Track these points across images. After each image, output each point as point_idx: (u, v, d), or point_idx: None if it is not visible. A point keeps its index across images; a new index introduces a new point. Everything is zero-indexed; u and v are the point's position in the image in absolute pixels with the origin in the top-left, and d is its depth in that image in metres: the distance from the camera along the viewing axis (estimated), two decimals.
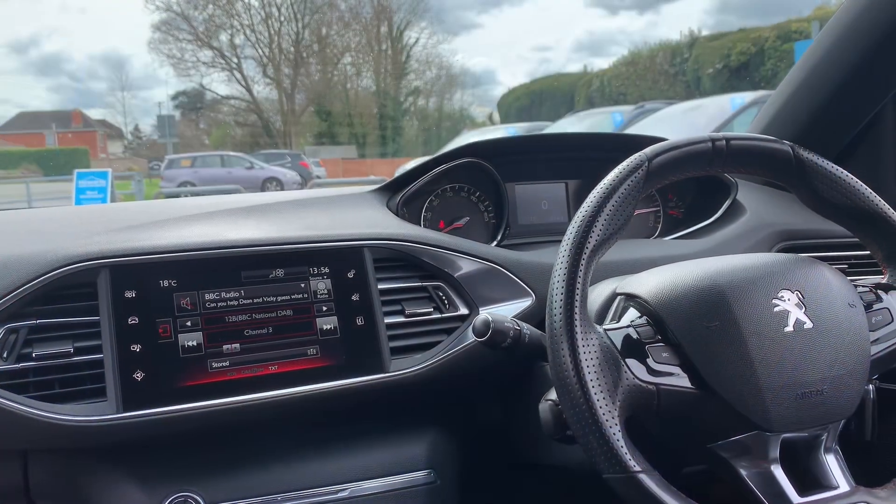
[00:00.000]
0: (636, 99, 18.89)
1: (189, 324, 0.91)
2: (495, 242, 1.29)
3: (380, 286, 1.02)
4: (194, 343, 0.90)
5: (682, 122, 8.03)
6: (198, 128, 40.61)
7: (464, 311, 1.05)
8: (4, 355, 0.85)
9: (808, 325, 0.79)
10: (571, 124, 10.65)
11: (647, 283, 0.85)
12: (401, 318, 1.02)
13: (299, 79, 35.65)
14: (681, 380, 0.77)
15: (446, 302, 1.05)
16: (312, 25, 33.64)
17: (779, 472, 0.77)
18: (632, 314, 0.84)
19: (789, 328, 0.78)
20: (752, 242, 1.22)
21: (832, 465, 0.80)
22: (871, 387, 1.07)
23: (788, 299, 0.79)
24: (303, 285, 0.97)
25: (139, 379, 0.87)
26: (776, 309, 0.78)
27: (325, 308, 0.98)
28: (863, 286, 0.89)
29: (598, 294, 0.95)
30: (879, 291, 0.89)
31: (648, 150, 0.82)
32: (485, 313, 0.86)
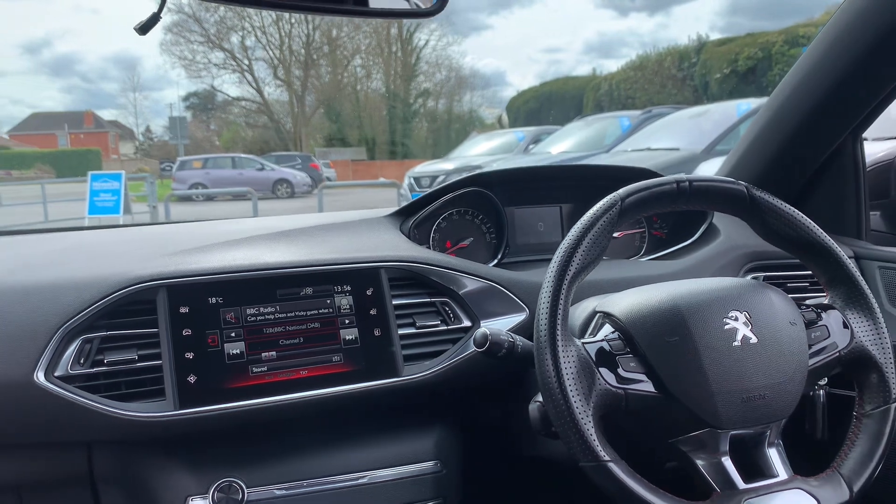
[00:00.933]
0: (644, 103, 18.93)
1: (233, 335, 1.06)
2: (496, 260, 1.43)
3: (394, 302, 1.16)
4: (237, 351, 1.05)
5: (688, 128, 8.09)
6: (209, 129, 40.79)
7: (467, 323, 1.19)
8: (81, 361, 1.00)
9: (754, 340, 0.93)
10: (580, 128, 10.70)
11: (621, 304, 1.00)
12: (412, 330, 1.16)
13: (310, 80, 35.81)
14: (646, 385, 0.92)
15: (452, 315, 1.19)
16: (323, 27, 33.81)
17: (728, 463, 0.91)
18: (606, 329, 0.99)
19: (737, 343, 0.92)
20: (723, 263, 1.36)
21: (774, 457, 0.94)
22: (822, 392, 1.22)
23: (737, 318, 0.94)
24: (328, 301, 1.12)
25: (192, 382, 1.02)
26: (726, 327, 0.93)
27: (347, 321, 1.12)
28: (805, 306, 1.04)
29: (581, 310, 1.10)
30: (820, 311, 1.03)
31: (622, 190, 0.97)
32: (484, 327, 1.00)
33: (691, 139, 7.52)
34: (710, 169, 5.66)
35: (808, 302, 1.05)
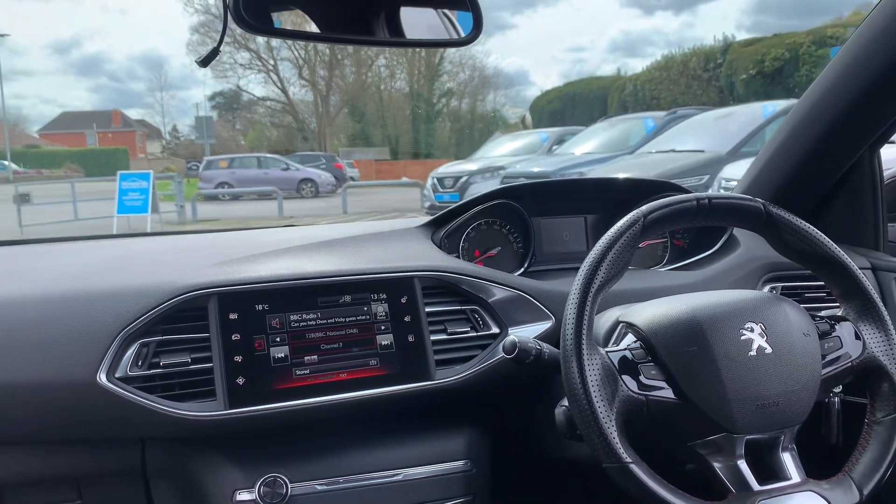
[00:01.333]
0: (669, 104, 18.79)
1: (278, 339, 1.13)
2: (523, 269, 1.50)
3: (427, 309, 1.22)
4: (282, 355, 1.12)
5: (713, 129, 8.05)
6: (234, 129, 41.16)
7: (496, 330, 1.25)
8: (139, 363, 1.08)
9: (769, 350, 0.99)
10: (604, 129, 10.69)
11: (643, 314, 1.06)
12: (444, 336, 1.22)
13: (334, 80, 36.02)
14: (666, 392, 0.98)
15: (481, 323, 1.25)
16: None
17: (744, 466, 0.97)
18: (629, 339, 1.05)
19: (753, 353, 0.98)
20: (742, 274, 1.41)
21: (788, 461, 1.00)
22: (837, 399, 1.27)
23: (753, 329, 0.99)
24: (365, 308, 1.19)
25: (241, 383, 1.09)
26: (742, 338, 0.98)
27: (383, 327, 1.19)
28: (820, 317, 1.09)
29: (605, 320, 1.16)
30: (833, 322, 1.08)
31: (644, 207, 1.03)
32: (513, 335, 1.07)
33: (717, 141, 7.50)
34: (735, 171, 5.65)
35: (822, 314, 1.10)
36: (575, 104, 28.73)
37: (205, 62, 0.91)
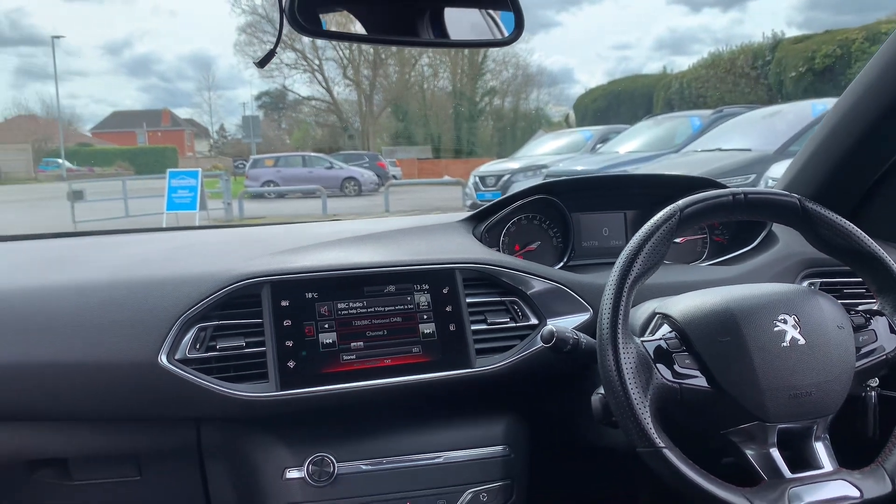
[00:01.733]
0: (716, 102, 18.48)
1: (326, 326, 1.19)
2: (562, 263, 1.53)
3: (468, 300, 1.26)
4: (330, 341, 1.18)
5: (761, 128, 7.89)
6: (280, 128, 41.71)
7: (534, 321, 1.29)
8: (197, 346, 1.15)
9: (802, 341, 1.01)
10: (649, 127, 10.57)
11: (678, 306, 1.09)
12: (484, 326, 1.26)
13: (378, 80, 36.28)
14: (699, 381, 1.01)
15: (520, 314, 1.29)
16: None
17: (776, 454, 0.99)
18: (664, 329, 1.08)
19: (785, 343, 1.00)
20: (780, 269, 1.42)
21: (821, 450, 1.02)
22: (874, 393, 1.28)
23: (786, 321, 1.02)
24: (409, 298, 1.24)
25: (291, 367, 1.15)
26: (775, 329, 1.01)
27: (425, 316, 1.24)
28: (855, 311, 1.11)
29: (642, 312, 1.19)
30: (869, 316, 1.10)
31: (681, 202, 1.06)
32: (551, 325, 1.10)
33: (764, 139, 7.36)
34: (782, 170, 5.55)
35: (858, 308, 1.12)
36: (619, 102, 28.44)
37: (262, 63, 0.97)
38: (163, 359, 1.12)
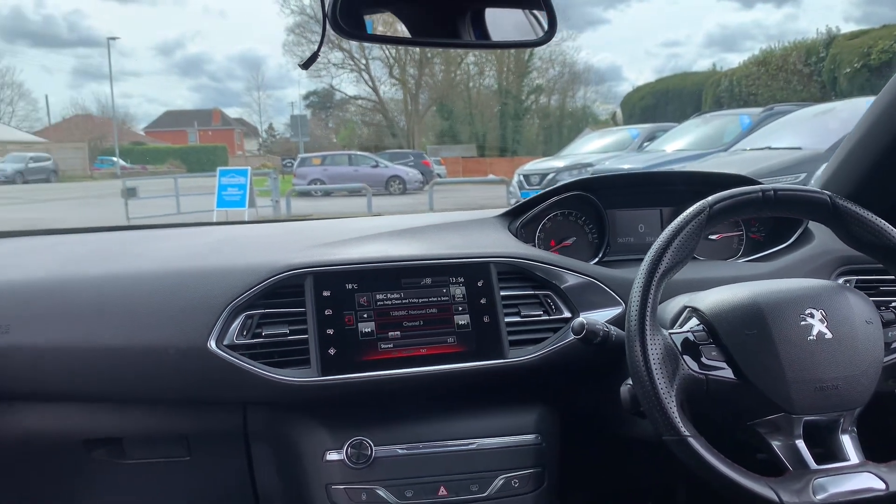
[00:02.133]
0: (767, 100, 18.10)
1: (365, 316, 1.24)
2: (597, 259, 1.56)
3: (502, 293, 1.30)
4: (369, 330, 1.23)
5: (812, 126, 7.70)
6: (327, 127, 42.15)
7: (567, 314, 1.32)
8: (244, 333, 1.21)
9: (829, 335, 1.02)
10: (697, 126, 10.39)
11: (707, 300, 1.11)
12: (517, 318, 1.30)
13: (423, 79, 36.39)
14: (725, 372, 1.03)
15: (553, 307, 1.32)
16: None
17: (802, 446, 1.01)
18: (693, 322, 1.11)
19: (812, 337, 1.02)
20: (815, 266, 1.43)
21: (847, 443, 1.03)
22: None
23: (813, 315, 1.03)
24: (444, 290, 1.28)
25: (332, 354, 1.20)
26: (802, 322, 1.03)
27: (460, 308, 1.28)
28: (886, 307, 1.11)
29: (673, 306, 1.21)
30: None
31: (711, 198, 1.08)
32: (582, 317, 1.14)
33: (815, 138, 7.19)
34: None
35: (890, 304, 1.13)
36: (668, 100, 28.04)
37: (306, 65, 1.02)
38: (212, 344, 1.19)
